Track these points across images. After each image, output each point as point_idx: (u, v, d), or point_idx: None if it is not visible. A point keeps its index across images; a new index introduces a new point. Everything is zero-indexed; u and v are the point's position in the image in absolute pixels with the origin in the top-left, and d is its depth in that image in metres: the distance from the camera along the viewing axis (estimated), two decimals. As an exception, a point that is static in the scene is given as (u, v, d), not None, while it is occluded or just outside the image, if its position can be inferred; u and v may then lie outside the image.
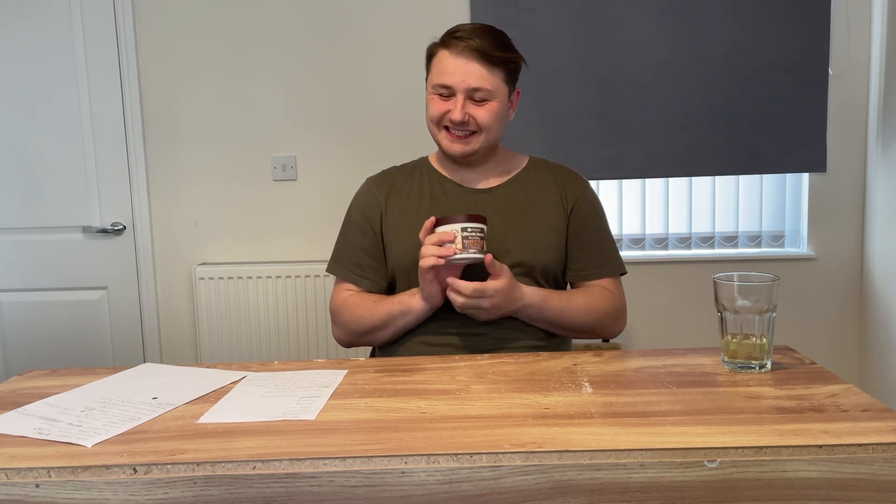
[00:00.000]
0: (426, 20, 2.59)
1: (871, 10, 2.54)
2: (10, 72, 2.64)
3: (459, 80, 1.40)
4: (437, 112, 1.44)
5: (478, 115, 1.42)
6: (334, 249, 1.57)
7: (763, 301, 1.12)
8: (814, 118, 2.56)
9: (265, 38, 2.64)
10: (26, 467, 0.87)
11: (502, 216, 1.47)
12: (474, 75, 1.39)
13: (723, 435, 0.89)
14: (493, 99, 1.43)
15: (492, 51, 1.40)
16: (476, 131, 1.44)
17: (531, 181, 1.53)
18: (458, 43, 1.40)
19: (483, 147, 1.47)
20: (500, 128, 1.48)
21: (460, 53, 1.40)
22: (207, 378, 1.20)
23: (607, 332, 1.51)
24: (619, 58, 2.57)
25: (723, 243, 2.73)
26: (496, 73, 1.41)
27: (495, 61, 1.40)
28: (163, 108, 2.67)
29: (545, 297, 1.40)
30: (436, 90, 1.43)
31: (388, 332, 1.44)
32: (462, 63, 1.39)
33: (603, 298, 1.47)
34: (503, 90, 1.44)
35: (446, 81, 1.40)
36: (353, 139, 2.67)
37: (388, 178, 1.57)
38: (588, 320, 1.45)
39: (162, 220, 2.72)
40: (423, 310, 1.39)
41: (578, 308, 1.43)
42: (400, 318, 1.41)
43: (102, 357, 2.74)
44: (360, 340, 1.49)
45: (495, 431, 0.92)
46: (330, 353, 2.62)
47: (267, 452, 0.88)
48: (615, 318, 1.50)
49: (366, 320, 1.44)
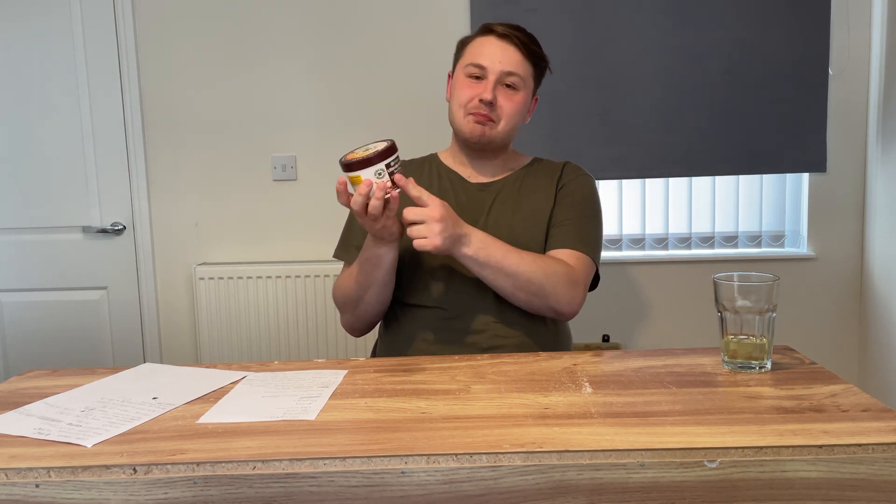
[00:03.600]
0: (426, 20, 2.59)
1: (871, 10, 2.54)
2: (10, 72, 2.64)
3: (497, 61, 1.45)
4: (467, 96, 1.46)
5: (503, 103, 1.46)
6: (341, 236, 1.59)
7: (763, 301, 1.12)
8: (814, 118, 2.56)
9: (265, 38, 2.64)
10: (26, 467, 0.87)
11: (500, 206, 1.50)
12: (511, 60, 1.45)
13: (723, 435, 0.89)
14: (522, 89, 1.47)
15: (529, 42, 1.47)
16: (496, 121, 1.47)
17: (531, 174, 1.56)
18: (499, 28, 1.47)
19: (501, 136, 1.49)
20: (518, 123, 1.51)
21: (500, 38, 1.46)
22: (207, 378, 1.20)
23: (557, 298, 1.37)
24: (619, 58, 2.57)
25: (723, 243, 2.73)
26: (528, 65, 1.48)
27: (530, 53, 1.47)
28: (163, 108, 2.67)
29: (486, 239, 1.34)
30: (468, 71, 1.47)
31: (373, 291, 1.41)
32: (501, 46, 1.46)
33: (557, 263, 1.40)
34: (530, 85, 1.50)
35: (482, 62, 1.45)
36: (353, 139, 2.66)
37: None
38: (536, 275, 1.35)
39: (162, 220, 2.72)
40: (384, 250, 1.36)
41: (526, 258, 1.36)
42: (370, 267, 1.38)
43: (102, 357, 2.74)
44: (355, 315, 1.47)
45: (495, 431, 0.92)
46: (330, 353, 2.62)
47: (267, 452, 0.88)
48: (567, 284, 1.37)
49: (349, 286, 1.45)
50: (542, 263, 1.38)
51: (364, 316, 1.49)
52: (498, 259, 1.34)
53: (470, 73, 1.47)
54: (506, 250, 1.36)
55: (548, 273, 1.37)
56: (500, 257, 1.34)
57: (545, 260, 1.40)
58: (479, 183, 1.55)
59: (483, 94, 1.44)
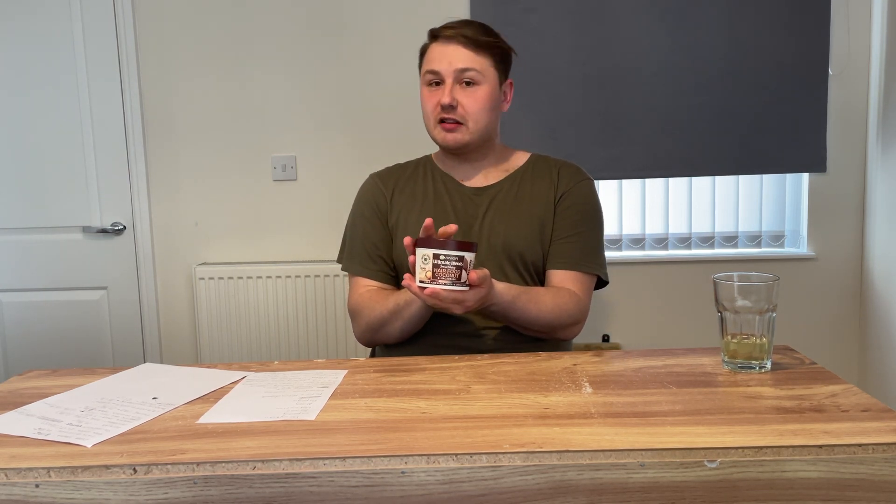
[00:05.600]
0: (426, 20, 2.57)
1: (871, 10, 2.54)
2: (10, 71, 2.64)
3: (446, 63, 1.44)
4: (430, 104, 1.46)
5: (466, 102, 1.44)
6: (345, 247, 1.56)
7: (763, 301, 1.12)
8: (814, 118, 2.56)
9: (265, 38, 2.64)
10: (26, 467, 0.87)
11: (495, 211, 1.48)
12: (460, 57, 1.43)
13: (723, 435, 0.89)
14: (482, 83, 1.45)
15: (476, 36, 1.44)
16: (463, 123, 1.45)
17: (529, 177, 1.53)
18: (445, 32, 1.46)
19: (475, 137, 1.47)
20: (490, 118, 1.48)
21: (447, 41, 1.45)
22: (207, 378, 1.20)
23: (565, 333, 1.47)
24: (619, 58, 2.57)
25: (723, 243, 2.73)
26: (482, 56, 1.45)
27: (481, 45, 1.45)
28: (163, 107, 2.67)
29: (511, 302, 1.36)
30: (426, 80, 1.47)
31: (398, 324, 1.41)
32: (449, 49, 1.44)
33: (567, 300, 1.43)
34: (492, 74, 1.46)
35: (435, 67, 1.45)
36: (353, 139, 2.67)
37: (392, 175, 1.57)
38: (547, 318, 1.40)
39: (162, 220, 2.72)
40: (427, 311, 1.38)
41: (539, 306, 1.39)
42: (405, 307, 1.38)
43: (102, 357, 2.74)
44: (376, 336, 1.47)
45: (495, 431, 0.92)
46: (330, 353, 2.62)
47: (267, 452, 0.88)
48: (574, 319, 1.45)
49: (376, 312, 1.44)
50: (553, 306, 1.41)
51: (382, 338, 1.48)
52: (515, 318, 1.39)
53: (428, 82, 1.47)
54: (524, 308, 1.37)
55: (560, 315, 1.42)
56: (516, 316, 1.38)
57: (556, 300, 1.42)
58: (473, 187, 1.52)
59: (442, 97, 1.43)
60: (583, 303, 1.47)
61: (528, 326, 1.41)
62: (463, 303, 1.24)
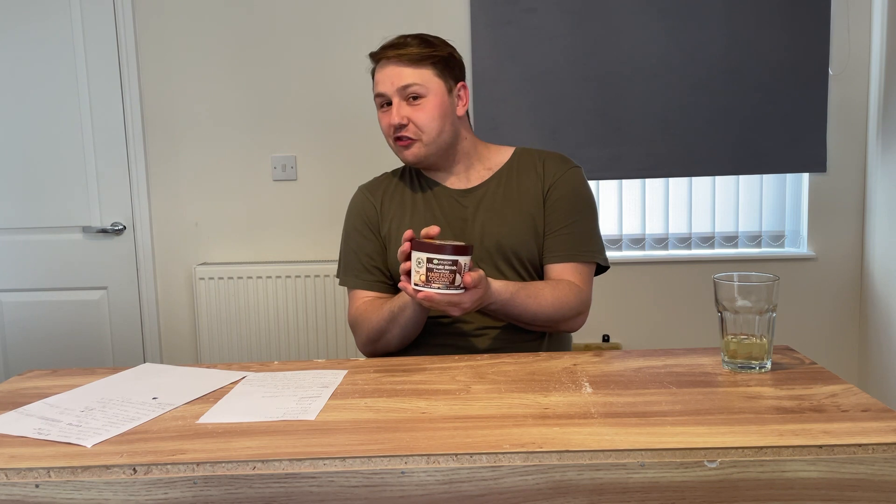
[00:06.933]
0: (426, 20, 2.59)
1: (871, 10, 2.54)
2: (10, 72, 2.64)
3: (389, 84, 1.45)
4: (384, 125, 1.49)
5: (415, 117, 1.45)
6: (341, 262, 1.57)
7: (763, 301, 1.12)
8: (814, 118, 2.56)
9: (265, 38, 2.64)
10: (26, 467, 0.87)
11: (485, 212, 1.48)
12: (400, 75, 1.45)
13: (723, 435, 0.88)
14: (427, 94, 1.45)
15: (411, 50, 1.45)
16: (416, 139, 1.45)
17: (515, 173, 1.52)
18: (384, 54, 1.48)
19: (432, 148, 1.47)
20: (443, 126, 1.47)
21: (387, 62, 1.47)
22: (207, 378, 1.20)
23: (568, 325, 1.47)
24: (619, 58, 2.57)
25: (723, 243, 2.73)
26: (422, 68, 1.45)
27: (416, 59, 1.45)
28: (163, 108, 2.68)
29: (510, 299, 1.36)
30: (377, 103, 1.49)
31: (396, 331, 1.41)
32: (388, 69, 1.46)
33: (568, 292, 1.43)
34: (437, 84, 1.46)
35: (379, 90, 1.47)
36: (353, 139, 2.67)
37: (380, 185, 1.58)
38: (548, 312, 1.41)
39: (162, 220, 2.72)
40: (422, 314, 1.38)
41: (539, 300, 1.40)
42: (400, 312, 1.38)
43: (102, 357, 2.74)
44: (378, 346, 1.46)
45: (495, 431, 0.92)
46: (330, 353, 2.62)
47: (267, 452, 0.88)
48: (577, 310, 1.45)
49: (373, 322, 1.44)
50: (553, 300, 1.40)
51: (383, 348, 1.47)
52: (515, 315, 1.39)
53: (380, 104, 1.49)
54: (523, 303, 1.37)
55: (561, 308, 1.42)
56: (516, 313, 1.38)
57: (556, 293, 1.41)
58: (459, 189, 1.52)
59: (391, 118, 1.45)
60: (584, 293, 1.46)
61: (531, 321, 1.41)
62: (459, 305, 1.24)
